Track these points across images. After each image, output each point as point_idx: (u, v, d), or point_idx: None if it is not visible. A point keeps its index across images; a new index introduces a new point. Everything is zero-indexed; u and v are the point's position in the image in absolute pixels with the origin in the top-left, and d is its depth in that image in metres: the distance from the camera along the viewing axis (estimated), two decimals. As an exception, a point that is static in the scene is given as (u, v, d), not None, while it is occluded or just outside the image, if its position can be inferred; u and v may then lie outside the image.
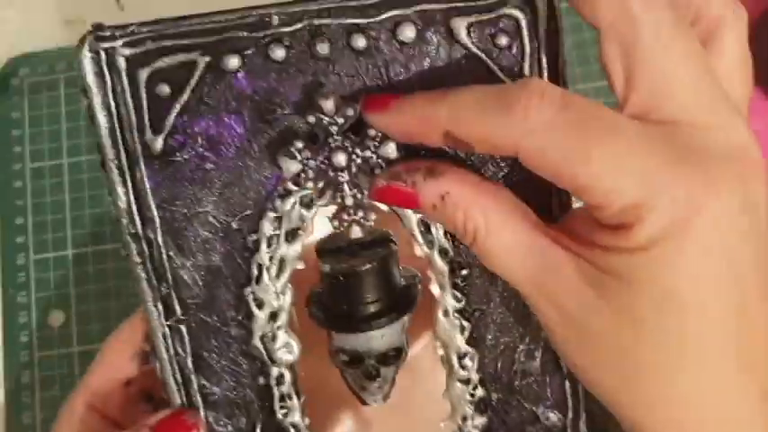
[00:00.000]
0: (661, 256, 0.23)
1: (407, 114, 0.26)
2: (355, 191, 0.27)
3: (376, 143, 0.27)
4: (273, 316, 0.29)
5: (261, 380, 0.30)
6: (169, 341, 0.29)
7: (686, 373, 0.24)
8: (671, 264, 0.23)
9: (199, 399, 0.30)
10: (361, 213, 0.27)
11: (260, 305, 0.29)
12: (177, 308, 0.29)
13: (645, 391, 0.25)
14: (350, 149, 0.27)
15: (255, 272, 0.28)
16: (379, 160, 0.27)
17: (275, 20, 0.26)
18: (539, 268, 0.25)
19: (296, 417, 0.30)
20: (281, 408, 0.30)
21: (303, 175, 0.27)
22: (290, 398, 0.30)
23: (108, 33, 0.26)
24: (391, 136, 0.27)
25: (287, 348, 0.29)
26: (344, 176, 0.27)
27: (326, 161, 0.27)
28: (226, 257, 0.28)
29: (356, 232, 0.28)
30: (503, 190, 0.26)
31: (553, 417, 0.30)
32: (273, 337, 0.29)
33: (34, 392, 0.43)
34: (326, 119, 0.26)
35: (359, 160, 0.27)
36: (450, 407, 0.30)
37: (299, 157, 0.26)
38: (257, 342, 0.29)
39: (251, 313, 0.29)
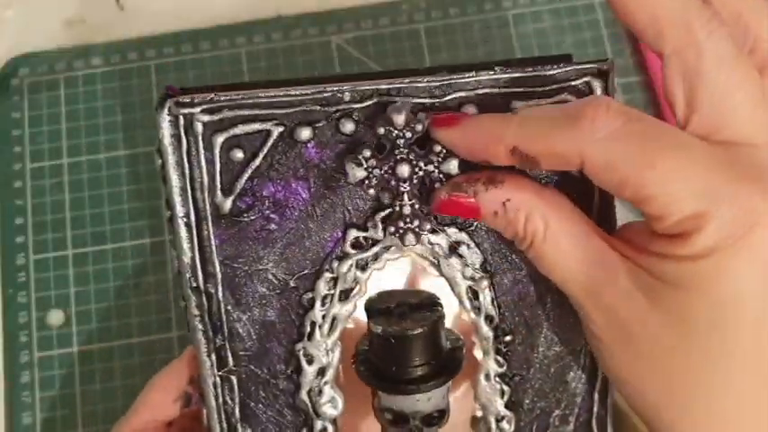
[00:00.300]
0: (718, 266, 0.23)
1: (475, 131, 0.27)
2: (414, 201, 0.29)
3: (440, 159, 0.28)
4: (322, 371, 0.30)
5: None
6: (219, 390, 0.30)
7: (731, 391, 0.24)
8: (728, 273, 0.23)
9: None
10: (417, 222, 0.29)
11: (310, 361, 0.30)
12: (230, 359, 0.30)
13: (688, 406, 0.25)
14: (414, 162, 0.28)
15: (308, 329, 0.30)
16: (441, 175, 0.28)
17: (347, 96, 0.28)
18: (593, 273, 0.26)
19: None
20: None
21: (367, 182, 0.28)
22: None
23: (188, 100, 0.28)
24: (457, 152, 0.28)
25: (332, 403, 0.31)
26: (406, 187, 0.28)
27: (390, 171, 0.28)
28: (281, 313, 0.30)
29: (410, 239, 0.29)
30: (561, 196, 0.27)
31: None
32: (320, 392, 0.30)
33: (34, 392, 0.43)
34: (395, 131, 0.28)
35: (421, 173, 0.28)
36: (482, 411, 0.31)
37: (364, 165, 0.28)
38: (304, 396, 0.30)
39: (300, 368, 0.30)
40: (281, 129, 0.28)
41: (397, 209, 0.29)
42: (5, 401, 0.43)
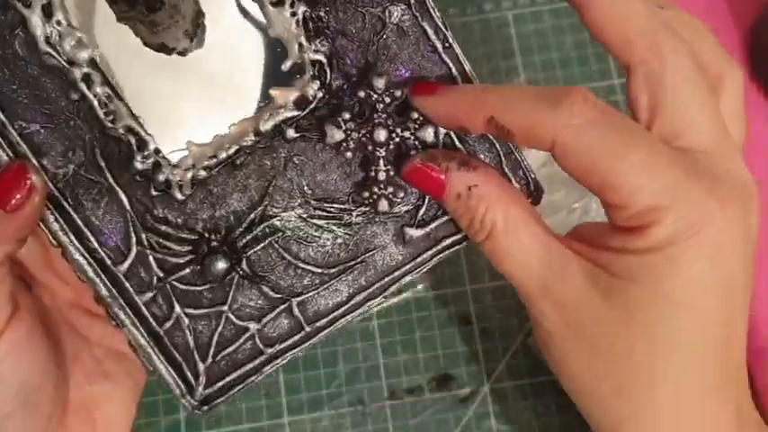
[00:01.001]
0: (669, 259, 0.25)
1: (455, 99, 0.28)
2: (389, 167, 0.29)
3: (416, 126, 0.29)
4: (47, 12, 0.27)
5: (73, 94, 0.28)
6: None
7: (669, 382, 0.26)
8: (675, 265, 0.25)
9: (24, 146, 0.28)
10: (390, 189, 0.29)
11: (26, 1, 0.27)
12: None
13: (633, 395, 0.26)
14: (391, 128, 0.29)
15: None
16: (416, 142, 0.29)
17: None
18: (548, 270, 0.27)
19: (128, 119, 0.28)
20: (108, 115, 0.28)
21: (344, 144, 0.29)
22: (112, 99, 0.28)
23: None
24: (435, 119, 0.29)
25: (80, 42, 0.27)
26: (381, 152, 0.29)
27: (368, 135, 0.29)
28: None
29: (383, 205, 0.29)
30: (522, 196, 0.29)
31: (397, 9, 0.29)
32: (60, 37, 0.27)
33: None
34: (375, 95, 0.28)
35: (397, 139, 0.29)
36: (284, 43, 0.29)
37: (343, 127, 0.29)
38: (44, 45, 0.27)
39: (22, 16, 0.27)
40: None
41: (372, 174, 0.29)
42: (6, 401, 0.43)
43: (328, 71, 0.29)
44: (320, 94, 0.29)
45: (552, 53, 0.49)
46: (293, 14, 0.28)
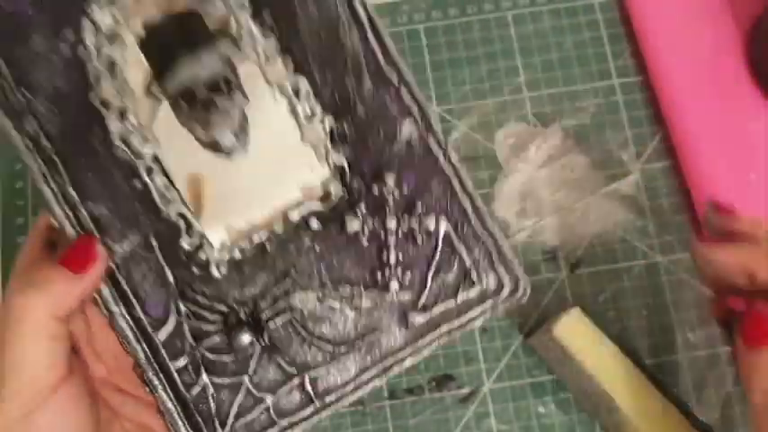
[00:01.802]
0: None
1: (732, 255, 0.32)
2: (398, 251, 0.33)
3: (420, 216, 0.33)
4: (122, 114, 0.32)
5: (136, 183, 0.32)
6: (48, 177, 0.32)
7: None
8: None
9: (91, 224, 0.32)
10: (399, 271, 0.33)
11: (106, 105, 0.32)
12: (45, 142, 0.32)
13: None
14: (400, 217, 0.33)
15: (92, 80, 0.32)
16: (420, 229, 0.33)
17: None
18: None
19: (180, 206, 0.33)
20: (163, 201, 0.32)
21: (361, 232, 0.33)
22: (168, 189, 0.33)
23: None
24: (712, 232, 0.34)
25: (145, 140, 0.32)
26: (392, 239, 0.33)
27: (381, 224, 0.33)
28: (66, 78, 0.32)
29: (394, 286, 0.33)
30: None
31: (406, 127, 0.34)
32: (130, 134, 0.32)
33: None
34: (387, 191, 0.33)
35: (405, 227, 0.33)
36: (312, 149, 0.33)
37: (360, 218, 0.33)
38: (117, 141, 0.32)
39: (102, 116, 0.32)
40: None
41: (384, 259, 0.33)
42: (6, 401, 0.44)
43: (348, 173, 0.33)
44: (341, 193, 0.33)
45: (552, 53, 0.49)
46: (322, 126, 0.33)
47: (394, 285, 0.33)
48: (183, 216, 0.33)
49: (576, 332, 0.40)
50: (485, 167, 0.47)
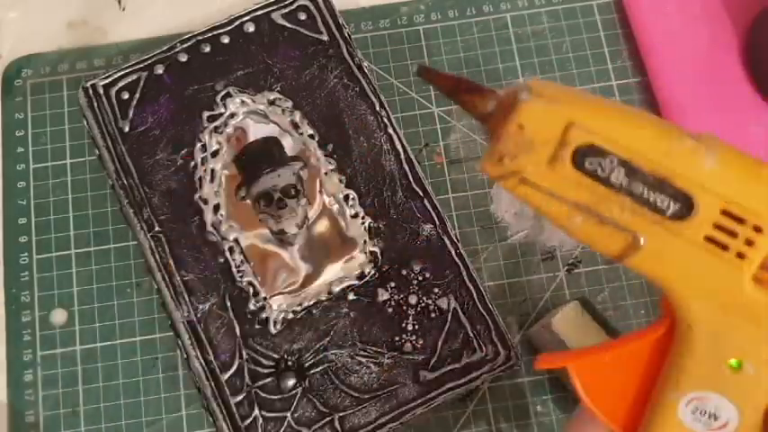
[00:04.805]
0: None
1: None
2: (415, 322, 0.42)
3: (436, 297, 0.42)
4: (216, 209, 0.44)
5: (220, 258, 0.43)
6: (154, 249, 0.43)
7: None
8: None
9: (183, 288, 0.42)
10: (414, 338, 0.42)
11: (205, 202, 0.44)
12: (155, 224, 0.43)
13: None
14: (420, 296, 0.43)
15: (197, 182, 0.44)
16: (435, 307, 0.42)
17: (178, 46, 0.45)
18: None
19: (251, 277, 0.43)
20: (239, 273, 0.43)
21: (388, 303, 0.43)
22: (243, 263, 0.43)
23: (94, 81, 0.45)
24: None
25: (231, 227, 0.44)
26: (411, 312, 0.42)
27: (404, 299, 0.43)
28: (178, 181, 0.44)
29: (408, 348, 0.42)
30: None
31: (427, 228, 0.44)
32: (220, 223, 0.43)
33: (37, 391, 0.44)
34: (412, 274, 0.43)
35: (423, 304, 0.42)
36: (354, 240, 0.44)
37: (389, 292, 0.43)
38: (210, 228, 0.43)
39: (201, 209, 0.43)
40: (145, 73, 0.45)
41: (404, 326, 0.42)
42: (9, 400, 0.44)
43: (380, 259, 0.43)
44: (373, 272, 0.43)
45: (551, 54, 0.49)
46: (362, 224, 0.44)
47: (410, 348, 0.42)
48: (252, 284, 0.43)
49: (574, 325, 0.40)
50: (484, 168, 0.47)
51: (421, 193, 0.44)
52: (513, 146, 0.26)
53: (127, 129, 0.44)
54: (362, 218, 0.44)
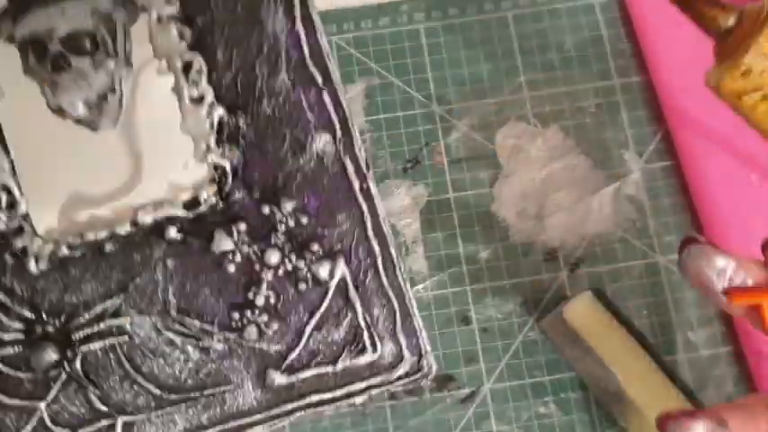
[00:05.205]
0: None
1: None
2: (271, 293, 0.26)
3: (313, 258, 0.26)
4: None
5: None
6: None
7: None
8: None
9: None
10: (265, 318, 0.27)
11: None
12: None
13: None
14: (286, 253, 0.26)
15: None
16: (308, 275, 0.26)
17: None
18: None
19: (7, 177, 0.27)
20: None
21: (230, 255, 0.26)
22: None
23: None
24: None
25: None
26: (268, 276, 0.26)
27: (259, 254, 0.26)
28: None
29: (251, 333, 0.26)
30: None
31: (321, 139, 0.27)
32: None
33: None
34: (279, 215, 0.26)
35: (289, 266, 0.26)
36: (192, 141, 0.27)
37: (235, 238, 0.26)
38: None
39: None
40: None
41: (250, 296, 0.26)
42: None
43: (230, 179, 0.27)
44: (213, 200, 0.27)
45: (552, 53, 0.49)
46: (208, 115, 0.27)
47: (256, 333, 0.27)
48: (6, 188, 0.27)
49: (586, 315, 0.40)
50: (485, 167, 0.47)
51: (320, 80, 0.28)
52: (764, 59, 0.25)
53: None
54: (210, 105, 0.27)
